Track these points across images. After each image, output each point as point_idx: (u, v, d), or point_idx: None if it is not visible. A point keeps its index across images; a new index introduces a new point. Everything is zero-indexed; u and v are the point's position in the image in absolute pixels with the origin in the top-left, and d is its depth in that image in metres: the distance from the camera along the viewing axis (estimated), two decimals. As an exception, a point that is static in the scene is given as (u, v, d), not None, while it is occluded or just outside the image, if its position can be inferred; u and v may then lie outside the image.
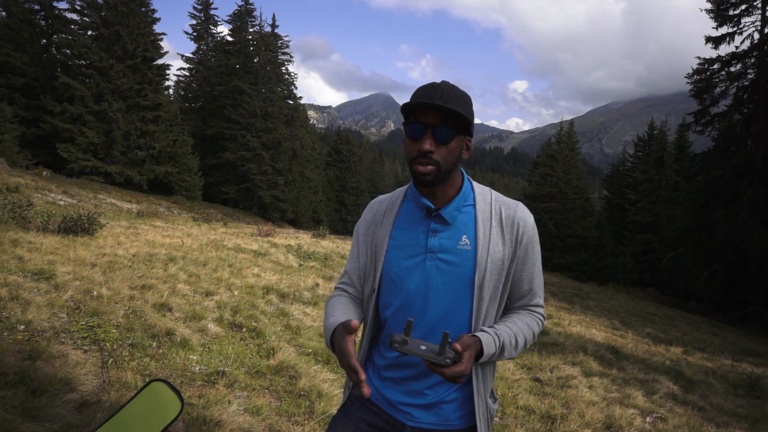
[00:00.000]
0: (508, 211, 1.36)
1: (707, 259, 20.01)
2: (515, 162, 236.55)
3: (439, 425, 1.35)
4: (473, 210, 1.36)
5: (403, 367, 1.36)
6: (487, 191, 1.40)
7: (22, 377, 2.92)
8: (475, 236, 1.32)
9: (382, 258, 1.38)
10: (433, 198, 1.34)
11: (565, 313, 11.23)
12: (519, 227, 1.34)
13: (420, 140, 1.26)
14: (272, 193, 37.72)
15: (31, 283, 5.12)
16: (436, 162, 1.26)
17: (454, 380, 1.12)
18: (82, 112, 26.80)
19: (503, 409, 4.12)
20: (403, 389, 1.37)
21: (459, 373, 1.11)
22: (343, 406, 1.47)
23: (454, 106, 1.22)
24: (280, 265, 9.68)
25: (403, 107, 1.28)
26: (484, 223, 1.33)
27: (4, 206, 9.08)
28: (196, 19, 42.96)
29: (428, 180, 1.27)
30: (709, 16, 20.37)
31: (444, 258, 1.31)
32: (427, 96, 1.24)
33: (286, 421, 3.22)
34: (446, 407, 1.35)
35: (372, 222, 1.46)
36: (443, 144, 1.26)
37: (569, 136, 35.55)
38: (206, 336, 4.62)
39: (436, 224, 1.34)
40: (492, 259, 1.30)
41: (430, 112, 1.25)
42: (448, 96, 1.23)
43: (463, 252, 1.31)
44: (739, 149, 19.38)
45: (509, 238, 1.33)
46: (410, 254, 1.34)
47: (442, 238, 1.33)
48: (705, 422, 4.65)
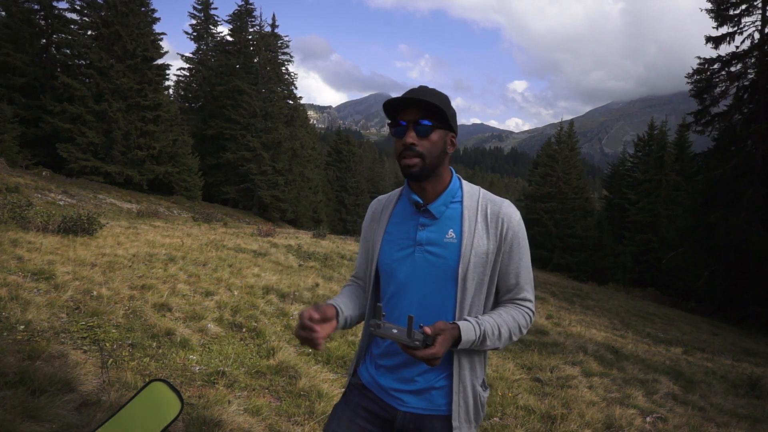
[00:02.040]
0: (494, 207, 1.44)
1: (707, 259, 20.01)
2: (515, 162, 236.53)
3: (429, 410, 1.42)
4: (460, 206, 1.44)
5: (395, 355, 1.44)
6: (476, 189, 1.49)
7: (22, 377, 2.92)
8: (461, 230, 1.40)
9: (377, 251, 1.50)
10: (423, 194, 1.44)
11: (565, 313, 11.22)
12: (503, 222, 1.42)
13: (404, 136, 1.37)
14: (272, 193, 37.70)
15: (30, 283, 5.12)
16: (420, 154, 1.36)
17: (427, 362, 1.20)
18: (82, 112, 26.79)
19: (503, 409, 4.11)
20: (395, 376, 1.45)
21: (431, 355, 1.18)
22: (344, 394, 1.58)
23: (428, 99, 1.34)
24: (280, 265, 9.68)
25: (386, 109, 1.40)
26: (470, 218, 1.42)
27: (4, 206, 9.08)
28: (196, 19, 42.94)
29: (415, 172, 1.38)
30: (710, 16, 20.37)
31: (431, 250, 1.40)
32: (400, 101, 1.37)
33: (286, 421, 3.22)
34: (435, 393, 1.42)
35: (372, 219, 1.59)
36: (424, 136, 1.37)
37: (569, 136, 35.56)
38: (206, 336, 4.62)
39: (425, 218, 1.44)
40: (476, 252, 1.38)
41: (410, 110, 1.38)
42: (423, 94, 1.36)
43: (449, 245, 1.39)
44: (739, 149, 19.38)
45: (493, 233, 1.41)
46: (401, 246, 1.45)
47: (430, 231, 1.42)
48: (705, 422, 4.65)
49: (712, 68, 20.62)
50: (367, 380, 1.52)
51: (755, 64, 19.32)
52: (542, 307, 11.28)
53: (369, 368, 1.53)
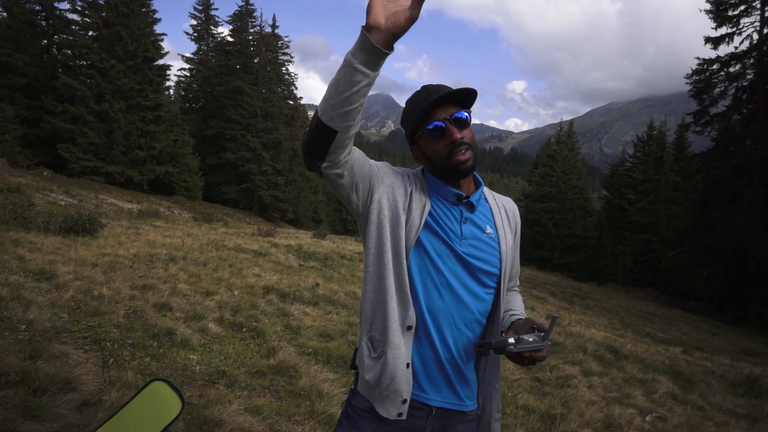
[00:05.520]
0: (507, 204, 1.51)
1: (706, 259, 20.02)
2: (515, 162, 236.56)
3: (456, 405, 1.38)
4: (487, 203, 1.46)
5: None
6: (486, 190, 1.50)
7: (23, 377, 2.93)
8: (495, 226, 1.42)
9: (416, 228, 1.33)
10: (461, 190, 1.40)
11: (564, 312, 11.23)
12: (515, 218, 1.50)
13: (446, 134, 1.32)
14: (272, 193, 37.70)
15: (32, 283, 5.13)
16: (470, 145, 1.33)
17: (544, 359, 1.22)
18: (83, 113, 26.80)
19: (503, 408, 4.12)
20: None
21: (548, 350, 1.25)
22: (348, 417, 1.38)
23: (461, 88, 1.31)
24: (280, 265, 9.69)
25: (417, 116, 1.33)
26: (498, 215, 1.45)
27: (6, 206, 9.09)
28: (197, 19, 42.96)
29: (470, 165, 1.34)
30: (709, 16, 20.37)
31: (476, 245, 1.37)
32: (430, 97, 1.31)
33: (287, 421, 3.23)
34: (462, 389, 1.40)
35: (403, 177, 1.39)
36: (466, 127, 1.34)
37: (569, 137, 35.57)
38: (207, 336, 4.64)
39: (468, 212, 1.39)
40: (508, 247, 1.43)
41: (442, 108, 1.32)
42: (443, 88, 1.33)
43: (490, 240, 1.39)
44: (738, 149, 19.39)
45: (512, 229, 1.48)
46: (444, 238, 1.35)
47: (473, 226, 1.39)
48: (704, 421, 4.67)
49: (711, 69, 20.63)
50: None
51: (754, 64, 19.34)
52: (542, 306, 11.29)
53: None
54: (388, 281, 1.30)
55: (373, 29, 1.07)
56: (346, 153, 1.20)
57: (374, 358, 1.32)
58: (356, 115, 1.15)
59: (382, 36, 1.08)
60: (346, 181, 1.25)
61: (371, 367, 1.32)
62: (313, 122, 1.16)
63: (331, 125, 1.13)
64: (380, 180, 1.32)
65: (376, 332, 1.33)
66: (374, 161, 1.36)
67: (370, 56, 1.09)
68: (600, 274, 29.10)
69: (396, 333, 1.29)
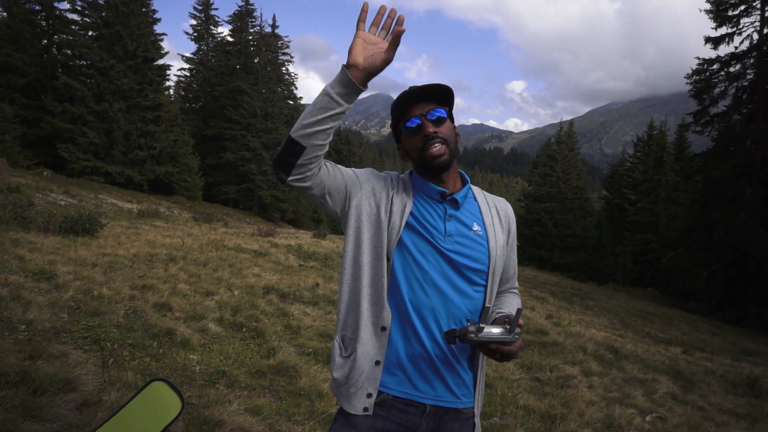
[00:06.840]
0: (499, 204, 1.52)
1: (706, 259, 20.02)
2: (515, 162, 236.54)
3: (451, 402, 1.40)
4: (476, 202, 1.48)
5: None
6: (477, 189, 1.53)
7: (23, 377, 2.93)
8: (484, 224, 1.43)
9: (398, 228, 1.37)
10: (444, 188, 1.42)
11: (564, 312, 11.23)
12: (508, 218, 1.51)
13: (420, 129, 1.37)
14: (272, 193, 37.70)
15: (32, 283, 5.13)
16: (444, 140, 1.36)
17: (516, 355, 1.22)
18: (83, 113, 26.80)
19: (503, 408, 4.12)
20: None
21: (521, 345, 1.24)
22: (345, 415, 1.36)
23: (435, 85, 1.36)
24: (280, 265, 9.68)
25: (396, 111, 1.40)
26: (487, 213, 1.46)
27: (6, 206, 9.10)
28: (197, 19, 42.96)
29: (445, 160, 1.36)
30: (709, 16, 20.37)
31: (461, 242, 1.39)
32: (409, 95, 1.38)
33: (286, 421, 3.23)
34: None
35: (384, 180, 1.45)
36: (441, 124, 1.37)
37: (569, 137, 35.56)
38: (207, 336, 4.64)
39: (452, 209, 1.41)
40: (498, 245, 1.43)
41: (419, 105, 1.38)
42: (423, 86, 1.37)
43: (477, 237, 1.41)
44: (738, 149, 19.39)
45: (504, 228, 1.49)
46: (427, 236, 1.38)
47: (458, 223, 1.40)
48: (704, 421, 4.67)
49: (711, 69, 20.62)
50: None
51: (754, 64, 19.33)
52: (542, 307, 11.29)
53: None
54: (363, 282, 1.35)
55: (352, 67, 1.23)
56: (313, 168, 1.29)
57: (345, 357, 1.36)
58: (324, 137, 1.26)
59: (360, 74, 1.24)
60: (316, 191, 1.33)
61: (341, 365, 1.36)
62: (284, 139, 1.27)
63: (300, 141, 1.24)
64: (359, 187, 1.39)
65: (348, 332, 1.37)
66: (355, 169, 1.43)
67: (346, 89, 1.24)
68: (600, 274, 29.10)
69: (367, 332, 1.33)
